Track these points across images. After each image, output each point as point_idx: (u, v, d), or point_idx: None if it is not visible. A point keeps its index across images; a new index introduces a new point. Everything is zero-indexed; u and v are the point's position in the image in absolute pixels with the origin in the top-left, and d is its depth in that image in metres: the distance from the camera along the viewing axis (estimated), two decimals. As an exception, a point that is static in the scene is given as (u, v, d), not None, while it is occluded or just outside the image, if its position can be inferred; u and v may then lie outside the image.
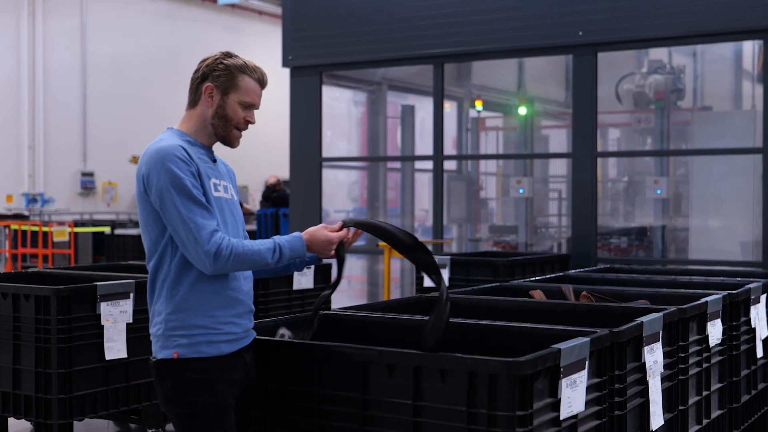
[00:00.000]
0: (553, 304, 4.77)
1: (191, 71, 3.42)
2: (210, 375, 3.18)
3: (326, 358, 3.34)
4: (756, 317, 5.45)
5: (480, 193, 13.93)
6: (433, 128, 9.88)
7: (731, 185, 10.62)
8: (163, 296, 3.20)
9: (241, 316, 3.29)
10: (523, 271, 8.06)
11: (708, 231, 10.81)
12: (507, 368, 3.00)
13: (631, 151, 13.31)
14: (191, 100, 3.36)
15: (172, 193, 3.10)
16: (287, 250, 3.25)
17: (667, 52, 13.57)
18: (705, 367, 4.75)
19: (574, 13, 8.90)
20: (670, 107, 11.64)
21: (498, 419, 3.02)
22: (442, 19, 9.52)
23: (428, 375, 3.14)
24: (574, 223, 9.06)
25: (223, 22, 24.76)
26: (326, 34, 10.21)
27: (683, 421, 4.47)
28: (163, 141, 3.22)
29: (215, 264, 3.10)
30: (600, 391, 3.60)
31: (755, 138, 10.23)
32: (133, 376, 5.74)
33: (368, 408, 3.25)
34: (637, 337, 3.88)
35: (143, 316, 5.76)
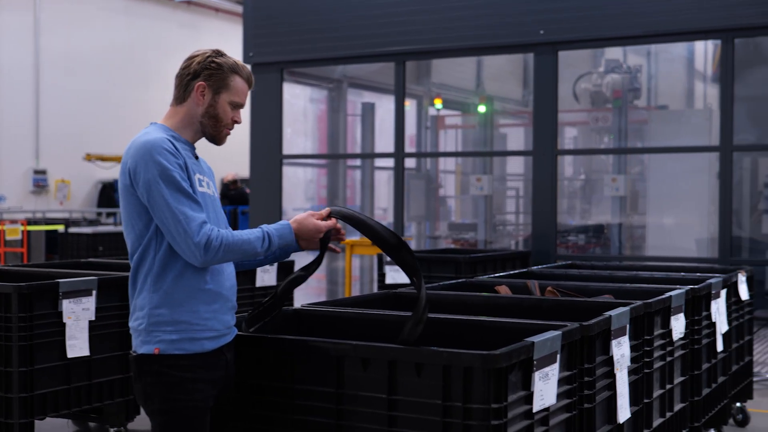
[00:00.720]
0: (520, 299, 4.81)
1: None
2: (190, 373, 3.15)
3: (300, 352, 3.33)
4: (716, 312, 5.53)
5: (439, 191, 13.98)
6: (394, 126, 9.90)
7: (688, 183, 10.77)
8: (146, 290, 3.17)
9: (224, 312, 3.26)
10: (484, 268, 8.11)
11: (665, 228, 10.96)
12: (482, 361, 3.02)
13: (591, 149, 13.43)
14: (178, 96, 3.32)
15: (160, 185, 3.07)
16: (276, 237, 3.24)
17: (622, 51, 13.73)
18: (668, 360, 4.82)
19: (535, 12, 8.96)
20: (627, 106, 11.75)
21: (473, 412, 3.03)
22: (404, 17, 9.54)
23: (403, 369, 3.15)
24: (535, 221, 9.13)
25: (179, 18, 24.56)
26: (287, 31, 10.18)
27: (648, 414, 4.52)
28: (150, 134, 3.19)
29: (205, 255, 3.08)
30: (570, 384, 3.63)
31: (711, 136, 10.39)
32: (96, 375, 5.67)
33: (343, 402, 3.25)
34: (605, 331, 3.92)
35: (106, 314, 5.72)
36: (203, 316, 3.19)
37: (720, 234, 8.57)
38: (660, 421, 4.69)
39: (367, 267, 12.01)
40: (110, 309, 5.76)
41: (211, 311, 3.21)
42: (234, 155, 23.24)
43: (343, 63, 10.70)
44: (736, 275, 6.11)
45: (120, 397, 5.82)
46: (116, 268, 6.95)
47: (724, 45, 8.40)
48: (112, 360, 5.77)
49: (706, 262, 9.69)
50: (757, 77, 11.10)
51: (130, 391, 5.86)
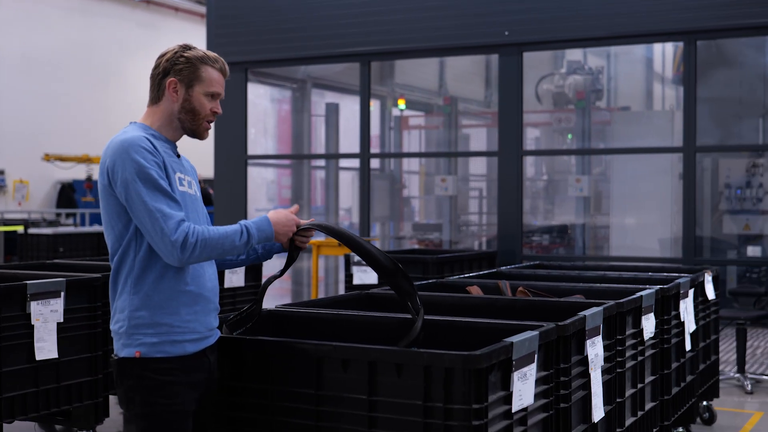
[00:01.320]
0: (492, 299, 4.83)
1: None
2: (171, 377, 3.12)
3: (280, 354, 3.32)
4: (685, 311, 5.59)
5: (403, 192, 13.99)
6: (360, 126, 9.90)
7: (650, 184, 10.88)
8: (126, 292, 3.13)
9: (205, 314, 3.23)
10: (451, 268, 8.13)
11: (628, 228, 11.06)
12: (463, 362, 3.02)
13: (557, 150, 13.52)
14: (153, 96, 3.28)
15: (137, 183, 3.03)
16: (255, 230, 3.20)
17: (582, 53, 13.84)
18: (639, 360, 4.85)
19: (500, 14, 9.00)
20: (590, 107, 11.85)
21: (454, 413, 3.03)
22: (369, 18, 9.54)
23: (384, 369, 3.14)
24: (500, 221, 9.17)
25: (138, 18, 24.37)
26: (252, 30, 10.14)
27: (620, 413, 4.56)
28: (127, 133, 3.15)
29: (182, 253, 3.03)
30: (547, 384, 3.65)
31: (673, 137, 10.50)
32: (64, 377, 5.61)
33: (322, 404, 3.24)
34: (580, 331, 3.94)
35: (73, 315, 5.65)
36: (184, 318, 3.15)
37: (684, 234, 8.67)
38: (632, 420, 4.73)
39: (332, 267, 12.00)
40: (78, 311, 5.70)
41: (192, 313, 3.17)
42: (197, 155, 23.19)
43: (308, 63, 10.67)
44: (703, 275, 6.17)
45: (89, 399, 5.76)
46: (82, 270, 6.88)
47: (687, 47, 8.49)
48: (81, 362, 5.71)
49: (669, 262, 9.79)
50: (718, 79, 11.25)
51: (98, 394, 5.81)
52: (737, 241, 11.57)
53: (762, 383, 8.12)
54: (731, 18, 8.28)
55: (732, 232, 11.54)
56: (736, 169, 11.49)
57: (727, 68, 11.53)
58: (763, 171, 11.42)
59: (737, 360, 8.03)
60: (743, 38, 10.43)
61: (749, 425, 6.79)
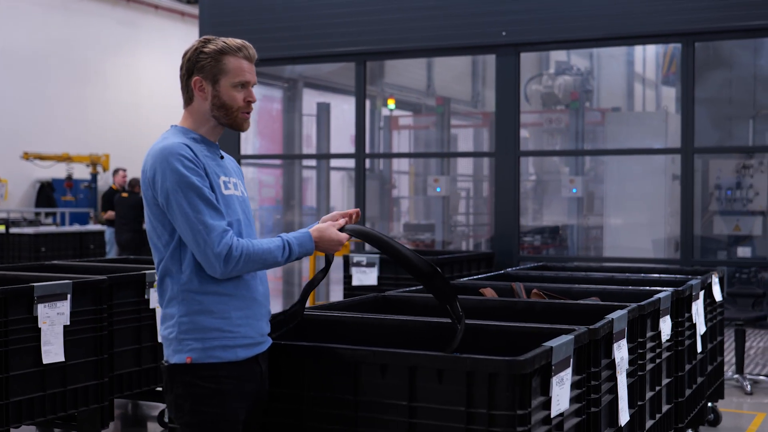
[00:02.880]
0: (511, 302, 4.78)
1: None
2: (222, 385, 3.04)
3: (314, 358, 3.26)
4: (696, 313, 5.58)
5: (392, 192, 13.95)
6: (355, 126, 9.84)
7: (644, 185, 10.89)
8: (176, 298, 3.06)
9: (257, 319, 3.15)
10: (451, 269, 8.10)
11: (621, 229, 11.06)
12: (507, 367, 2.98)
13: (553, 150, 13.52)
14: (185, 98, 3.19)
15: (179, 194, 2.96)
16: (296, 246, 3.12)
17: (566, 54, 13.86)
18: (657, 362, 4.84)
19: (497, 14, 8.97)
20: (584, 108, 11.86)
21: (498, 419, 2.99)
22: (365, 17, 9.49)
23: (424, 375, 3.10)
24: (497, 222, 9.14)
25: (117, 15, 24.18)
26: (246, 29, 10.05)
27: (641, 417, 4.54)
28: (167, 139, 3.07)
29: (225, 267, 2.97)
30: (579, 389, 3.62)
31: (666, 138, 10.52)
32: (71, 381, 5.52)
33: (360, 410, 3.19)
34: (608, 334, 3.92)
35: (79, 318, 5.57)
36: (236, 323, 3.08)
37: (682, 235, 8.67)
38: (651, 423, 4.71)
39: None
40: (84, 313, 5.61)
41: (243, 317, 3.10)
42: None
43: (303, 62, 10.60)
44: (711, 277, 6.17)
45: (95, 403, 5.67)
46: (80, 271, 6.79)
47: (685, 48, 8.50)
48: (87, 365, 5.62)
49: (666, 263, 9.81)
50: (709, 80, 11.28)
51: (104, 398, 5.72)
52: (727, 241, 11.62)
53: (760, 384, 8.14)
54: (729, 20, 8.29)
55: (722, 233, 11.59)
56: (726, 170, 11.53)
57: (718, 69, 11.57)
58: (753, 172, 11.47)
59: (736, 361, 8.04)
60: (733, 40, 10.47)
61: (753, 426, 6.80)
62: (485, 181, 15.04)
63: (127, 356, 6.16)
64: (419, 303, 4.81)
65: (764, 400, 7.64)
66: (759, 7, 8.17)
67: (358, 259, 8.00)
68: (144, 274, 6.22)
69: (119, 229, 14.45)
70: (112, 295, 5.97)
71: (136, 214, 14.31)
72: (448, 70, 14.49)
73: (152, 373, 6.35)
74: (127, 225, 14.30)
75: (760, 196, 11.49)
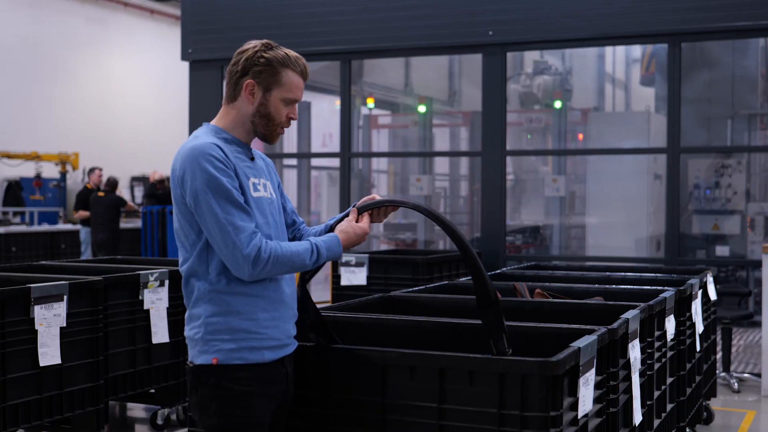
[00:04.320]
0: (520, 302, 4.77)
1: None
2: (249, 387, 3.00)
3: (341, 361, 3.23)
4: (695, 312, 5.60)
5: (372, 191, 13.92)
6: (340, 125, 9.80)
7: (626, 184, 10.94)
8: (202, 299, 3.01)
9: (284, 320, 3.11)
10: (440, 269, 8.08)
11: (603, 228, 11.10)
12: (540, 368, 2.96)
13: (539, 150, 13.54)
14: (229, 94, 3.13)
15: (208, 194, 2.91)
16: (324, 250, 3.10)
17: (540, 53, 13.90)
18: (663, 362, 4.85)
19: (484, 13, 8.97)
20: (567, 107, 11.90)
21: (530, 420, 2.98)
22: (350, 16, 9.44)
23: (454, 377, 3.07)
24: (484, 221, 9.14)
25: (86, 13, 23.92)
26: (228, 27, 9.98)
27: (649, 416, 4.54)
28: (198, 138, 3.02)
29: (254, 269, 2.93)
30: (600, 389, 3.61)
31: (649, 138, 10.57)
32: (67, 383, 5.43)
33: (388, 412, 3.16)
34: (624, 334, 3.91)
35: (75, 320, 5.48)
36: (263, 324, 3.04)
37: (667, 234, 8.72)
38: (657, 423, 4.72)
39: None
40: (80, 315, 5.52)
41: (270, 319, 3.06)
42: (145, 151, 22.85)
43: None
44: (706, 276, 6.20)
45: (91, 406, 5.58)
46: (69, 271, 6.69)
47: (671, 49, 8.54)
48: (83, 368, 5.54)
49: (651, 262, 9.86)
50: (693, 80, 11.35)
51: (100, 400, 5.64)
52: (706, 240, 11.71)
53: (747, 382, 8.20)
54: (715, 21, 8.34)
55: (701, 232, 11.68)
56: (705, 169, 11.63)
57: (698, 70, 11.65)
58: (732, 171, 11.57)
59: (723, 359, 8.10)
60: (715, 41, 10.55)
61: (746, 424, 6.85)
62: (463, 181, 15.05)
63: (122, 358, 6.08)
64: (426, 303, 4.80)
65: (751, 398, 7.70)
66: (745, 8, 8.23)
67: (347, 258, 7.95)
68: (138, 274, 6.14)
69: (95, 229, 14.30)
70: (107, 296, 5.89)
71: (112, 213, 14.18)
72: (426, 69, 14.47)
73: (146, 375, 6.27)
74: (103, 224, 14.15)
75: (738, 195, 11.59)
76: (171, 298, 6.35)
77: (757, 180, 12.28)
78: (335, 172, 14.30)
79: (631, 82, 17.83)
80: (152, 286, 6.20)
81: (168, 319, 6.33)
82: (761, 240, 11.28)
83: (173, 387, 6.48)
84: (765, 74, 12.23)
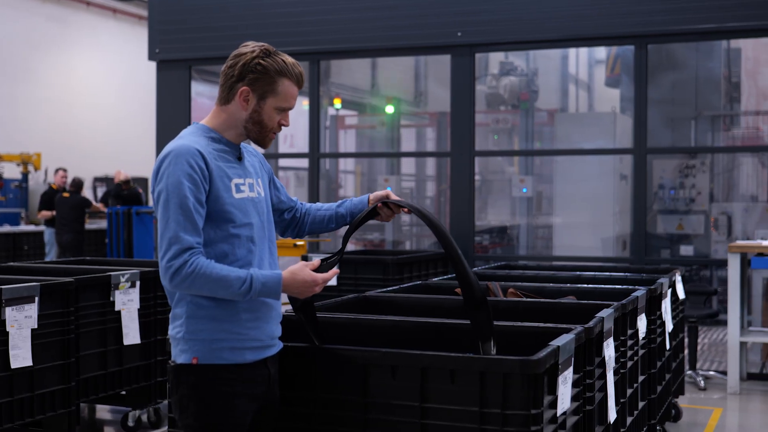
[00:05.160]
0: (493, 301, 4.79)
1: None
2: (228, 387, 3.00)
3: (323, 360, 3.24)
4: (665, 311, 5.67)
5: (339, 191, 13.93)
6: (309, 125, 9.79)
7: (593, 184, 11.02)
8: (185, 298, 3.01)
9: (268, 321, 3.11)
10: (410, 269, 8.11)
11: (571, 228, 11.18)
12: (521, 367, 2.99)
13: (508, 150, 13.59)
14: (223, 96, 3.11)
15: (168, 196, 2.92)
16: (259, 284, 2.95)
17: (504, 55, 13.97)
18: (635, 360, 4.90)
19: (453, 14, 9.00)
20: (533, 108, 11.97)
21: (511, 419, 3.00)
22: (319, 16, 9.44)
23: (436, 376, 3.09)
24: (453, 222, 9.18)
25: (47, 11, 23.67)
26: (196, 27, 9.93)
27: (623, 414, 4.59)
28: (182, 139, 3.01)
29: (171, 280, 2.90)
30: (577, 387, 3.65)
31: (615, 139, 10.67)
32: (38, 386, 5.39)
33: (370, 411, 3.17)
34: (599, 333, 3.96)
35: (46, 321, 5.44)
36: (245, 324, 3.03)
37: (634, 234, 8.80)
38: (630, 420, 4.77)
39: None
40: (51, 316, 5.48)
41: (253, 320, 3.05)
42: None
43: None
44: (675, 275, 6.27)
45: (62, 408, 5.55)
46: (41, 273, 6.64)
47: (638, 51, 8.62)
48: (54, 370, 5.50)
49: (617, 261, 9.95)
50: (657, 82, 11.47)
51: (71, 402, 5.60)
52: (671, 240, 11.84)
53: (712, 380, 8.31)
54: (681, 23, 8.43)
55: (666, 232, 11.81)
56: (670, 170, 11.76)
57: (662, 71, 11.78)
58: (696, 172, 11.71)
59: (689, 357, 8.20)
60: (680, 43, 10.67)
61: (713, 421, 6.93)
62: (429, 181, 15.10)
63: (93, 360, 6.04)
64: (402, 303, 4.82)
65: (717, 395, 7.80)
66: (710, 11, 8.33)
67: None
68: (110, 276, 6.10)
69: (60, 230, 14.17)
70: (78, 298, 5.84)
71: (77, 214, 14.06)
72: (393, 70, 14.50)
73: (117, 377, 6.24)
74: (67, 225, 14.03)
75: (702, 195, 11.73)
76: (142, 299, 6.32)
77: (720, 180, 12.44)
78: (302, 172, 14.28)
79: (595, 83, 17.98)
80: (123, 287, 6.17)
81: (139, 320, 6.30)
82: (725, 240, 11.43)
83: (144, 389, 6.45)
84: (728, 76, 12.39)
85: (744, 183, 12.76)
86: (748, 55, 12.85)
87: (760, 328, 8.47)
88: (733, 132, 12.83)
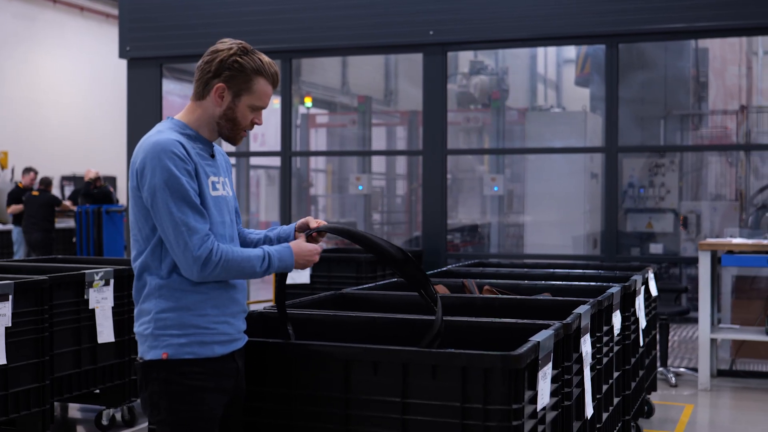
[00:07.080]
0: (470, 298, 4.83)
1: None
2: (199, 382, 3.01)
3: (303, 357, 3.24)
4: (638, 308, 5.72)
5: (310, 190, 13.91)
6: (281, 124, 9.78)
7: (564, 183, 11.09)
8: (153, 295, 3.01)
9: (235, 316, 3.13)
10: (383, 267, 8.13)
11: (542, 226, 11.25)
12: (502, 362, 3.01)
13: (480, 149, 13.65)
14: (198, 92, 3.12)
15: (166, 193, 2.91)
16: (276, 260, 3.10)
17: (473, 53, 14.03)
18: (610, 356, 4.94)
19: (425, 13, 9.02)
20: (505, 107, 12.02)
21: (493, 413, 3.02)
22: (291, 14, 9.42)
23: (418, 372, 3.10)
24: (425, 220, 9.20)
25: (13, 9, 23.44)
26: (167, 25, 9.89)
27: (599, 410, 4.63)
28: (162, 134, 3.00)
29: (202, 271, 2.94)
30: (556, 383, 3.68)
31: (586, 137, 10.74)
32: (12, 384, 5.34)
33: (351, 407, 3.18)
34: (576, 329, 3.99)
35: (20, 320, 5.40)
36: (213, 319, 3.05)
37: (606, 232, 8.87)
38: (605, 416, 4.81)
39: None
40: (25, 314, 5.44)
41: (221, 315, 3.08)
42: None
43: (226, 59, 10.44)
44: (648, 272, 6.33)
45: (36, 407, 5.50)
46: (13, 271, 6.58)
47: (609, 50, 8.69)
48: (28, 368, 5.46)
49: (588, 259, 10.02)
50: (627, 81, 11.56)
51: (45, 401, 5.56)
52: (640, 238, 11.93)
53: (683, 376, 8.39)
54: (651, 22, 8.51)
55: (635, 230, 11.90)
56: (639, 168, 11.85)
57: (632, 70, 11.87)
58: (665, 171, 11.81)
59: (660, 354, 8.26)
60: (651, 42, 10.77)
61: (685, 417, 7.00)
62: (399, 180, 15.13)
63: (67, 358, 6.00)
64: (378, 300, 4.84)
65: (687, 391, 7.87)
66: (680, 10, 8.41)
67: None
68: (84, 274, 6.06)
69: (28, 229, 14.05)
70: (52, 296, 5.81)
71: (46, 212, 13.95)
72: (363, 69, 14.52)
73: (91, 375, 6.20)
74: (37, 224, 13.92)
75: (671, 194, 11.84)
76: (116, 297, 6.29)
77: (689, 179, 12.56)
78: (273, 171, 14.26)
79: (563, 82, 18.11)
80: (97, 285, 6.13)
81: (113, 318, 6.26)
82: (694, 238, 11.54)
83: (118, 387, 6.42)
84: (697, 75, 12.52)
85: (712, 182, 12.90)
86: (715, 54, 13.00)
87: (730, 325, 8.56)
88: (701, 131, 12.96)
